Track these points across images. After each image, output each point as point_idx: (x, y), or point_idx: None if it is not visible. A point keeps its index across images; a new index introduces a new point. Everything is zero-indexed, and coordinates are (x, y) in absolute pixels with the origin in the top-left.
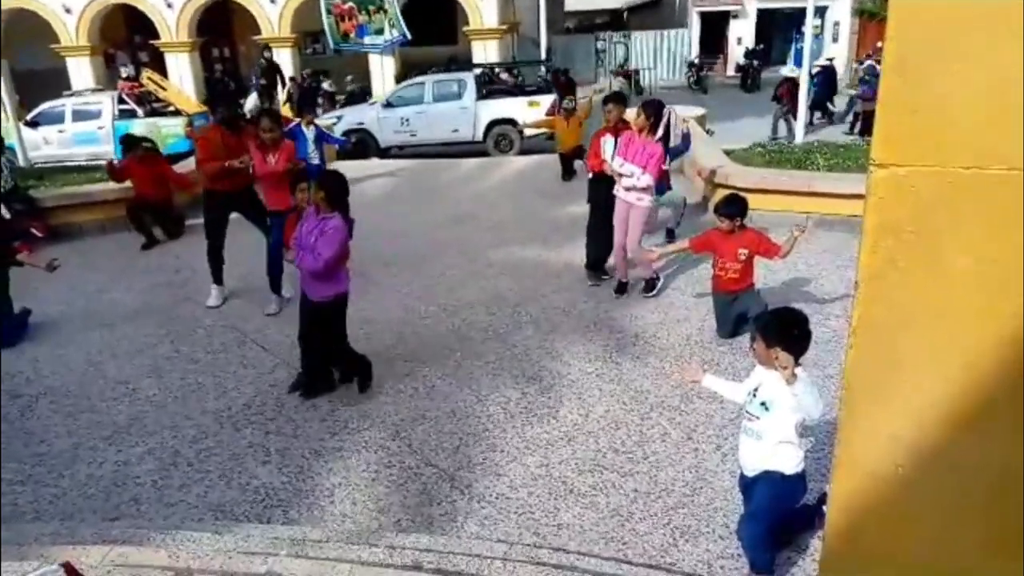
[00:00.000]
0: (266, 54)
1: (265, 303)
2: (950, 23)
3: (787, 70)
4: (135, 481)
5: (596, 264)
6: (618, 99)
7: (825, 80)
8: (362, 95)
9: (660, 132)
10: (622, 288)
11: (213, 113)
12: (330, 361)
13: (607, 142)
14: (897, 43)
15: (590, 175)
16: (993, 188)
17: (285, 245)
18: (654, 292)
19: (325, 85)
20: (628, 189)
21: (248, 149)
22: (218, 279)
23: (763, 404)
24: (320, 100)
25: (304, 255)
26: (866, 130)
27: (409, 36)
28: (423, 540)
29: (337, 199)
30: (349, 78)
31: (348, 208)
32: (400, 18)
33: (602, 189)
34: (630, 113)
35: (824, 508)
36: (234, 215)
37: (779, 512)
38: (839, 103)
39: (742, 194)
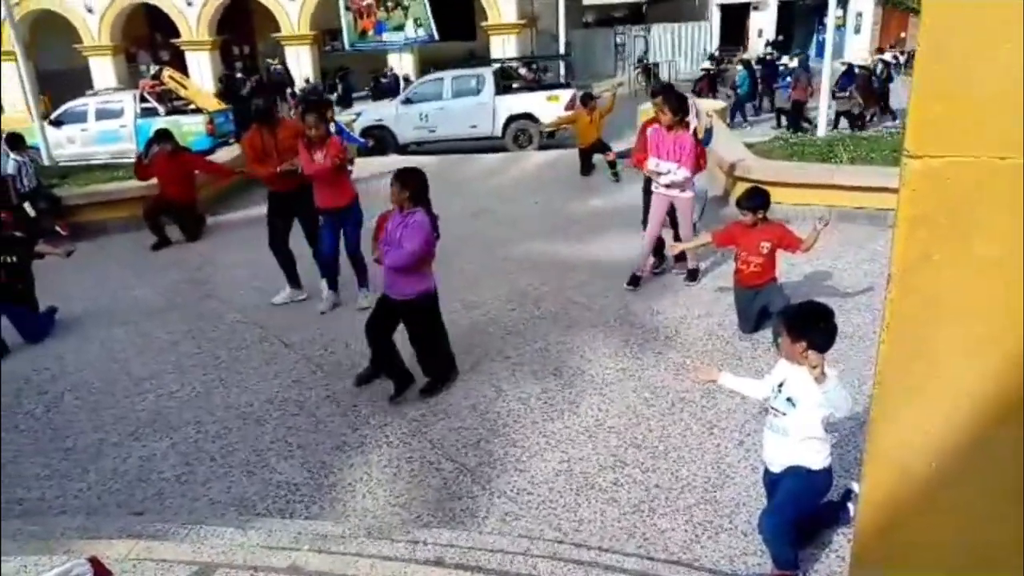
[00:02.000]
0: (269, 61)
1: (317, 299)
2: (988, 8)
3: (708, 64)
4: (159, 476)
5: (656, 252)
6: (668, 91)
7: (769, 73)
8: (315, 90)
9: (693, 123)
10: (635, 281)
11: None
12: (425, 358)
13: (652, 135)
14: (933, 30)
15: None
16: None
17: (375, 242)
18: (696, 281)
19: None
20: (668, 186)
21: (290, 147)
22: (292, 280)
23: (789, 400)
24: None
25: (389, 251)
26: (795, 125)
27: (437, 36)
28: (444, 535)
29: (420, 196)
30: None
31: (430, 204)
32: (430, 17)
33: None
34: (647, 106)
35: (849, 504)
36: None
37: (804, 507)
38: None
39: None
